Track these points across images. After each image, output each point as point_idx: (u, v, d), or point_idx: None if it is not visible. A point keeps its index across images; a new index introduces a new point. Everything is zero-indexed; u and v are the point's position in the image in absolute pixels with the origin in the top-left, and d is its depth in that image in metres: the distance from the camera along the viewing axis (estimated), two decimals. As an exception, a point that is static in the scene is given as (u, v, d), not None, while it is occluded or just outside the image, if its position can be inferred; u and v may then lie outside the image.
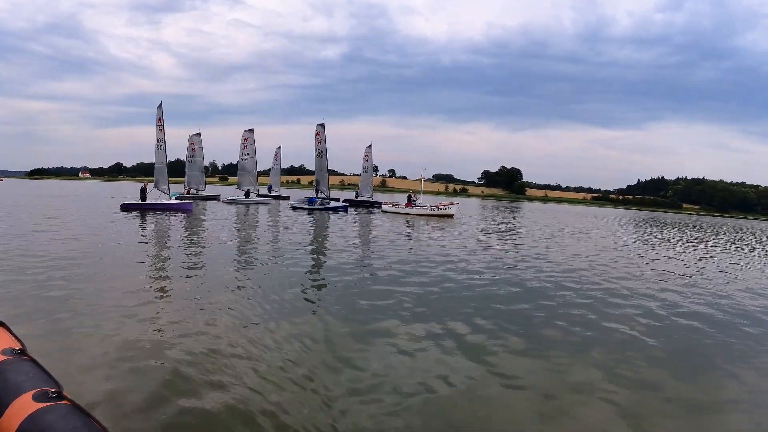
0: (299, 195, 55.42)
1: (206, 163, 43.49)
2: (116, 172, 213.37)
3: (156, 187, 33.63)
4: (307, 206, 39.21)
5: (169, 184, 34.58)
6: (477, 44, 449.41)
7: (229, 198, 45.90)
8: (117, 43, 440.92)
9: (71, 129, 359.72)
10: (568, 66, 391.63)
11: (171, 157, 44.69)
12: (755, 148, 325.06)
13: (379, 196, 53.26)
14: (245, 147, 50.16)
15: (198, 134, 51.07)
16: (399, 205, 40.67)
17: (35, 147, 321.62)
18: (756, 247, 31.47)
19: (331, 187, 44.18)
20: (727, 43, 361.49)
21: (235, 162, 53.69)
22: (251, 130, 50.55)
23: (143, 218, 25.49)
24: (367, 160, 48.51)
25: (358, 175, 54.47)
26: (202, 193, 49.77)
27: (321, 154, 42.32)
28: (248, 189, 48.59)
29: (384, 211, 40.34)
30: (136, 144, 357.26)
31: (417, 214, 38.24)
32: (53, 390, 3.02)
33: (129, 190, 60.60)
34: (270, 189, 57.02)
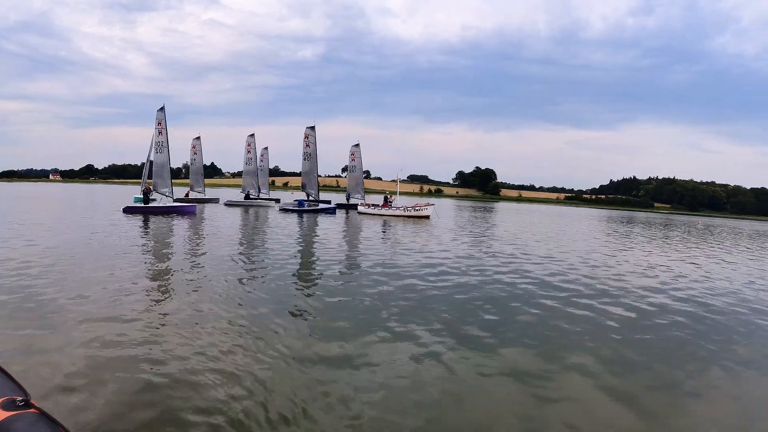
0: (279, 197, 55.39)
1: (180, 165, 42.91)
2: (87, 173, 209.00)
3: (155, 189, 33.63)
4: (296, 208, 39.61)
5: (172, 187, 34.61)
6: (453, 46, 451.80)
7: (229, 200, 46.96)
8: (90, 43, 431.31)
9: (43, 130, 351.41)
10: (543, 68, 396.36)
11: (137, 160, 44.58)
12: (725, 148, 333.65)
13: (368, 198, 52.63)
14: (248, 152, 49.80)
15: (198, 138, 51.79)
16: (375, 206, 40.68)
17: (5, 148, 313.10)
18: (716, 242, 32.19)
19: (298, 188, 44.34)
20: (699, 46, 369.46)
21: (208, 164, 53.33)
22: (252, 135, 50.31)
23: (146, 221, 25.37)
24: (353, 160, 47.44)
25: (333, 176, 54.01)
26: (201, 195, 49.80)
27: (309, 156, 42.43)
28: (248, 191, 48.55)
29: (360, 212, 40.26)
30: (108, 145, 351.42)
31: (393, 215, 38.26)
32: (21, 398, 2.99)
33: (106, 193, 59.61)
34: (259, 191, 56.81)
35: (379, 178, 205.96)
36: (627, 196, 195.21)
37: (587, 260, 18.38)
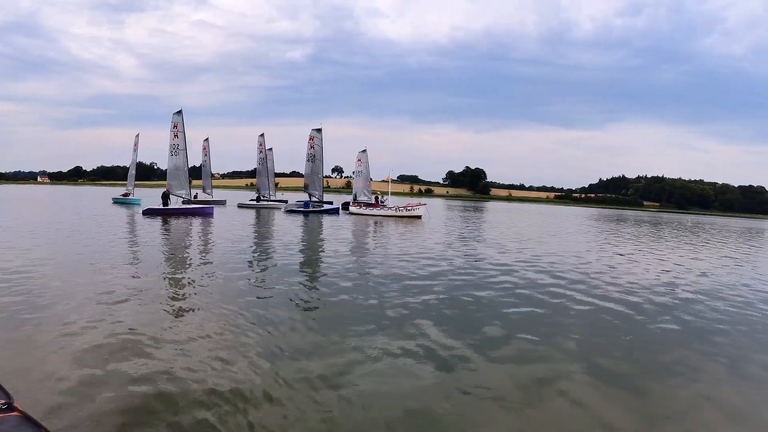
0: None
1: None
2: (75, 176, 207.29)
3: (170, 192, 33.94)
4: (302, 209, 40.26)
5: (190, 189, 34.87)
6: (442, 46, 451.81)
7: (240, 203, 47.63)
8: (79, 43, 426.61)
9: (30, 131, 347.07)
10: (533, 68, 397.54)
11: (125, 161, 44.77)
12: (713, 147, 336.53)
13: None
14: (260, 152, 49.35)
15: (207, 139, 52.02)
16: (368, 206, 40.67)
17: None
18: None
19: (294, 189, 44.34)
20: (686, 46, 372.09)
21: (198, 165, 52.99)
22: (263, 135, 49.82)
23: (165, 223, 25.67)
24: (360, 165, 47.35)
25: (326, 177, 53.51)
26: (209, 197, 49.62)
27: (313, 158, 43.09)
28: (259, 194, 48.59)
29: (352, 213, 40.19)
30: (96, 146, 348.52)
31: (385, 216, 38.22)
32: (3, 401, 2.94)
33: (102, 195, 59.23)
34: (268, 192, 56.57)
35: (370, 179, 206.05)
36: (616, 194, 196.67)
37: (582, 258, 18.47)
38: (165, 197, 32.72)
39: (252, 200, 47.60)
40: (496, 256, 17.68)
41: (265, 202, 46.86)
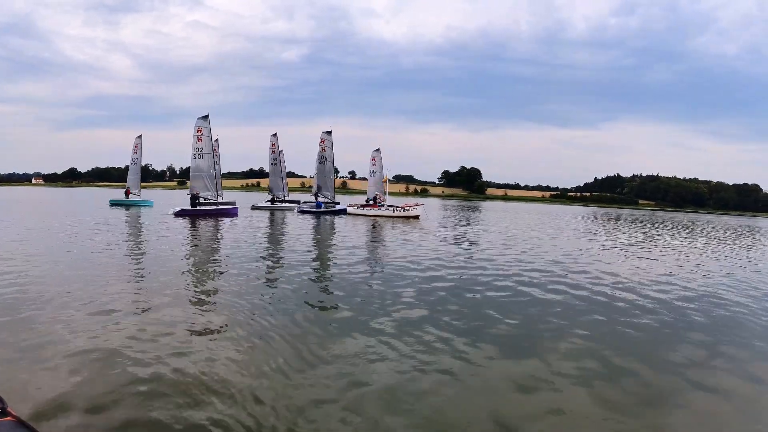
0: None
1: (165, 167, 41.25)
2: (70, 177, 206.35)
3: (198, 194, 35.22)
4: (314, 210, 41.20)
5: (217, 190, 35.97)
6: (437, 46, 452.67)
7: (254, 205, 47.24)
8: (73, 44, 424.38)
9: (25, 132, 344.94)
10: (528, 68, 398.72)
11: (120, 163, 44.30)
12: (708, 146, 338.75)
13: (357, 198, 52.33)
14: (273, 152, 48.76)
15: (216, 140, 50.58)
16: (367, 206, 40.67)
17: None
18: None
19: (290, 189, 44.06)
20: (681, 46, 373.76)
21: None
22: (275, 135, 49.10)
23: (193, 224, 27.01)
24: (374, 164, 46.26)
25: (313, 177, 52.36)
26: (220, 199, 48.74)
27: (324, 160, 43.56)
28: (273, 195, 48.34)
29: (350, 213, 40.10)
30: (91, 148, 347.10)
31: (383, 216, 38.17)
32: None
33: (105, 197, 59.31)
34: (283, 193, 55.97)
35: (365, 179, 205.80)
36: (612, 193, 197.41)
37: (581, 257, 18.49)
38: (193, 199, 34.35)
39: (267, 201, 47.37)
40: (494, 255, 17.67)
41: (279, 204, 46.79)
